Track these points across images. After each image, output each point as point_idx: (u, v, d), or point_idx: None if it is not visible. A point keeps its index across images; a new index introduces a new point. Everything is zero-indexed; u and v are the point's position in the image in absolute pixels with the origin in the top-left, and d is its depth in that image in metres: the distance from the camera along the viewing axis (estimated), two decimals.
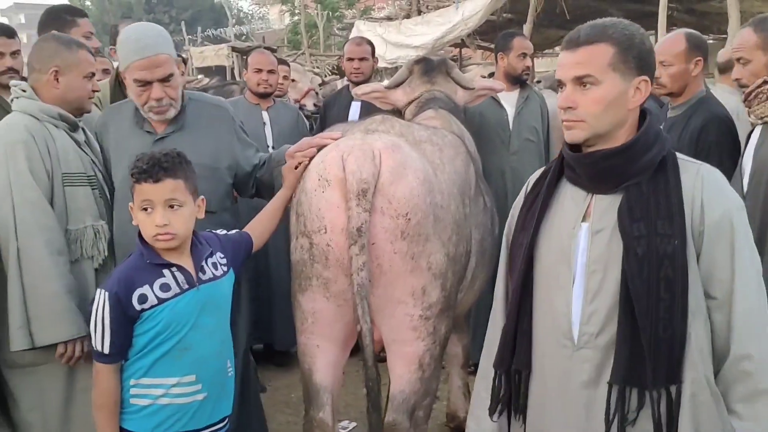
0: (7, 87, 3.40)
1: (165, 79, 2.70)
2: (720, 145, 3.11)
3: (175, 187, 2.14)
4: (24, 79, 3.46)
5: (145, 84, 2.68)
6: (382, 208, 2.33)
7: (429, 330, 2.46)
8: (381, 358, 2.49)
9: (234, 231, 2.54)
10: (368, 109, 4.56)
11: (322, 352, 2.52)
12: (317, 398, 2.54)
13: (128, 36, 2.70)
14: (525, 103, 4.44)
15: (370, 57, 5.02)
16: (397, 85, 3.69)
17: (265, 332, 4.66)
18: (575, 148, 1.85)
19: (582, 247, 1.82)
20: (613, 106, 1.75)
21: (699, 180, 1.75)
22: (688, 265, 1.69)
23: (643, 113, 1.84)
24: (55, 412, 2.66)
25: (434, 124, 3.24)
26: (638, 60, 1.74)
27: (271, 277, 4.51)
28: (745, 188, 2.73)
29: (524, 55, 4.38)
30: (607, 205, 1.80)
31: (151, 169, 2.12)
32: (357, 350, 2.47)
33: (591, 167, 1.82)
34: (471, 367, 4.16)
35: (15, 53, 3.43)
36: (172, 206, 2.15)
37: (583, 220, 1.83)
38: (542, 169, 2.03)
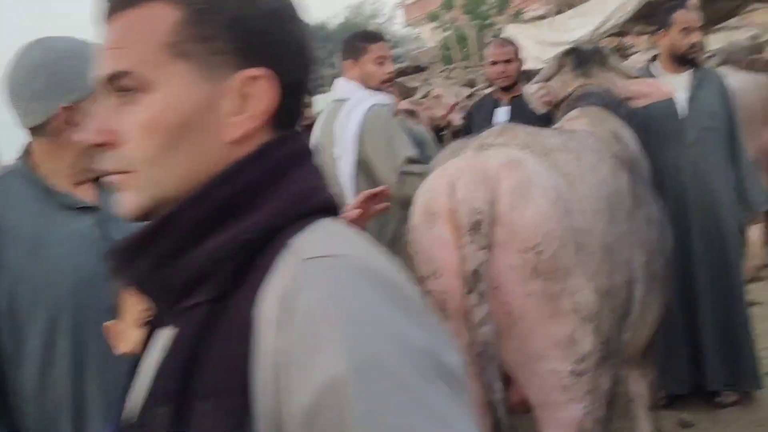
0: None
1: None
2: None
3: None
4: None
5: None
6: (505, 241, 1.86)
7: (585, 388, 1.93)
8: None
9: None
10: (519, 114, 4.15)
11: None
12: None
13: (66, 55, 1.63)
14: (700, 85, 3.73)
15: (515, 58, 4.57)
16: (546, 81, 3.24)
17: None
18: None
19: None
20: (181, 135, 0.79)
21: (278, 301, 0.71)
22: None
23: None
24: None
25: (579, 123, 2.73)
26: (236, 32, 0.79)
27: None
28: None
29: (687, 29, 3.68)
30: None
31: None
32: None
33: (115, 271, 0.84)
34: (663, 400, 3.56)
35: None
36: None
37: None
38: None
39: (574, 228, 1.93)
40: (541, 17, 13.68)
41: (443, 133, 6.07)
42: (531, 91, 3.27)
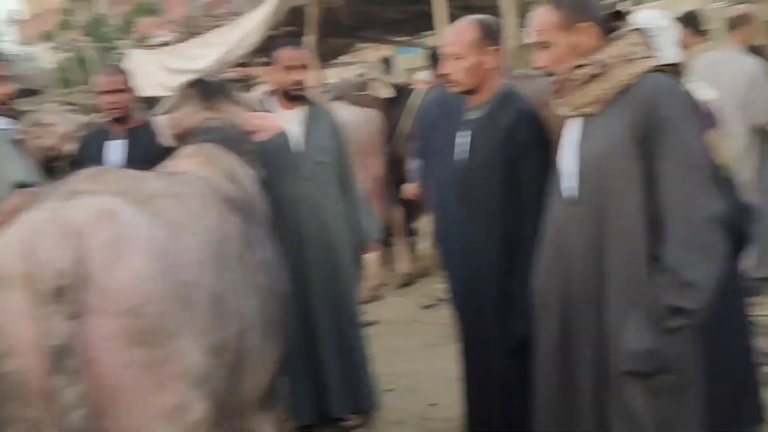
0: None
1: None
2: (535, 144, 2.73)
3: None
4: None
5: None
6: (98, 307, 1.62)
7: None
8: None
9: None
10: (137, 147, 3.86)
11: None
12: None
13: None
14: (312, 121, 3.85)
15: (126, 88, 4.27)
16: (173, 112, 3.05)
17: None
18: None
19: None
20: None
21: None
22: None
23: None
24: None
25: (191, 163, 2.57)
26: None
27: None
28: (566, 191, 2.32)
29: (290, 67, 3.77)
30: None
31: None
32: None
33: None
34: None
35: None
36: None
37: None
38: None
39: (179, 283, 1.76)
40: (166, 44, 13.40)
41: (56, 165, 5.49)
42: (163, 123, 3.07)
